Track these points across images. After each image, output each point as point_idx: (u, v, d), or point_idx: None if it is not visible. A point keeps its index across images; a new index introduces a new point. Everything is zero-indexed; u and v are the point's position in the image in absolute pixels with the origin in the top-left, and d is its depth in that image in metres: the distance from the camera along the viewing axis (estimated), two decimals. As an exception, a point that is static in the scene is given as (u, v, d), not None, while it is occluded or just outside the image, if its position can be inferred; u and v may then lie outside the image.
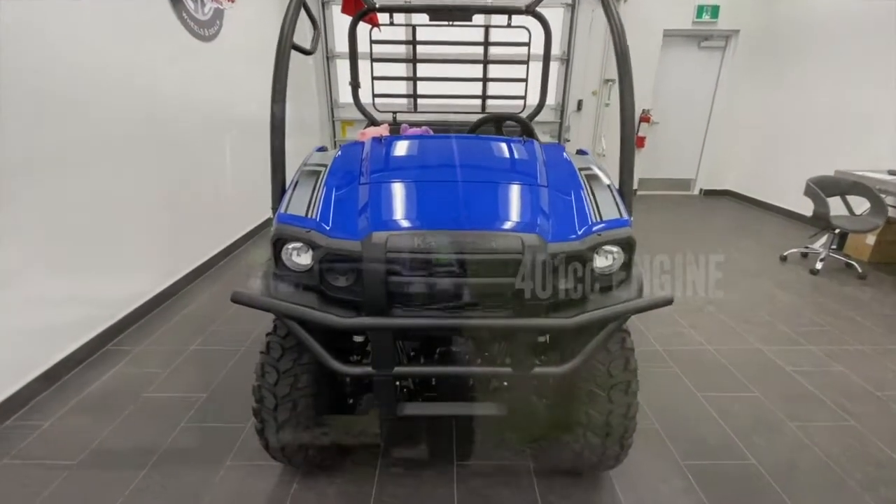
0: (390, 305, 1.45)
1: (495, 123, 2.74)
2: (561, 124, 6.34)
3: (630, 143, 1.69)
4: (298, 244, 1.49)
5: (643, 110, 6.63)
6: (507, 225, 1.46)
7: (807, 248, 4.59)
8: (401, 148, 1.96)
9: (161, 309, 3.36)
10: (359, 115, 3.65)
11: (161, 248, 3.42)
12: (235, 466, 1.98)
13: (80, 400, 2.41)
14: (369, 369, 1.47)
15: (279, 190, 1.66)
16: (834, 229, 4.15)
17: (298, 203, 1.57)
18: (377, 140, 2.00)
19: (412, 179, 1.66)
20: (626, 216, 1.57)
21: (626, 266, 1.55)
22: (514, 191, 1.61)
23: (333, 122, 6.33)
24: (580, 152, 2.06)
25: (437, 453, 2.07)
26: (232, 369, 2.66)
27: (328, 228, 1.47)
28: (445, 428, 2.22)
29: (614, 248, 1.52)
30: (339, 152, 1.90)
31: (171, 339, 2.98)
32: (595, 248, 1.47)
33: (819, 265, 4.20)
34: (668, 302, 1.47)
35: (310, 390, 1.65)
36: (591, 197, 1.63)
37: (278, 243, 1.49)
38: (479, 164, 1.81)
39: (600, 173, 1.80)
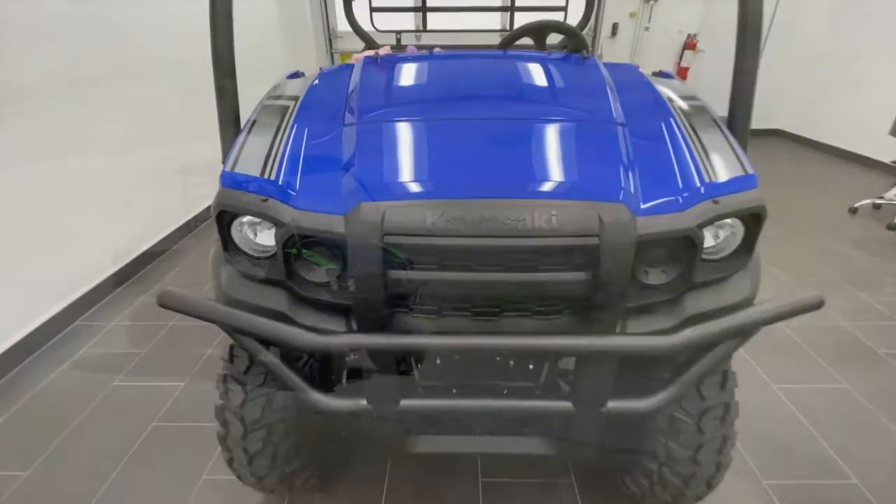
0: (392, 311, 0.98)
1: (535, 36, 2.07)
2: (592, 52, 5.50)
3: (750, 57, 1.11)
4: (243, 220, 0.99)
5: (688, 35, 5.72)
6: (574, 189, 0.93)
7: (881, 198, 3.95)
8: (405, 72, 1.39)
9: (141, 275, 2.96)
10: (361, 45, 3.00)
11: (146, 200, 2.95)
12: (213, 482, 1.63)
13: (36, 394, 2.05)
14: (364, 403, 1.02)
15: (230, 144, 1.14)
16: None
17: (252, 156, 1.06)
18: (371, 60, 1.42)
19: (422, 118, 1.12)
20: (750, 170, 1.03)
21: (745, 247, 1.03)
22: (579, 133, 1.06)
23: (332, 53, 5.57)
24: (661, 75, 1.46)
25: (457, 466, 1.68)
26: (220, 348, 2.26)
27: (295, 195, 0.96)
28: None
29: (735, 221, 1.00)
30: (318, 80, 1.34)
31: (149, 314, 2.58)
32: (709, 223, 0.95)
33: (899, 219, 3.59)
34: (819, 305, 0.96)
35: (289, 413, 1.22)
36: (696, 141, 1.08)
37: (223, 217, 1.00)
38: (522, 94, 1.24)
39: (703, 105, 1.22)
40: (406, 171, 0.99)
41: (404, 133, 1.08)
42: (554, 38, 2.11)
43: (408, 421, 1.16)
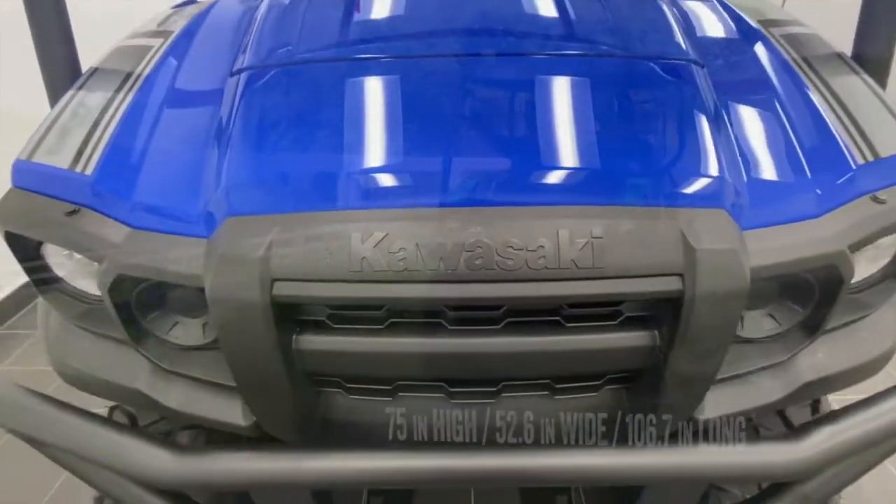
0: (313, 392, 0.58)
1: None
2: None
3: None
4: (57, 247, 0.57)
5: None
6: (630, 184, 0.51)
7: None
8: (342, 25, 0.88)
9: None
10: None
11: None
12: None
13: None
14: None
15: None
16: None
17: (67, 133, 0.62)
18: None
19: (358, 57, 0.67)
20: None
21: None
22: (630, 81, 0.62)
23: None
24: None
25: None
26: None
27: (126, 201, 0.54)
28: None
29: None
30: (213, 8, 0.86)
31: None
32: (870, 241, 0.54)
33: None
34: None
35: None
36: (826, 95, 0.64)
37: (12, 240, 0.58)
38: (528, 22, 0.77)
39: (821, 37, 0.77)
40: (319, 152, 0.55)
41: (322, 84, 0.62)
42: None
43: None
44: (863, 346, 0.64)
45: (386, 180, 0.52)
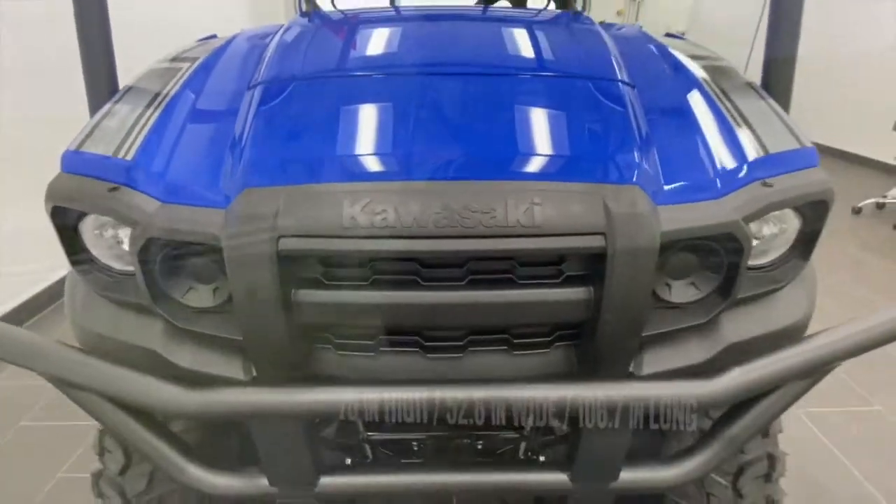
0: (306, 348, 0.67)
1: None
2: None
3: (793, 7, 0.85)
4: (101, 217, 0.68)
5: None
6: (567, 165, 0.64)
7: (885, 196, 3.75)
8: (347, 28, 1.08)
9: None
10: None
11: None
12: None
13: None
14: (264, 483, 0.71)
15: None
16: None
17: (109, 130, 0.74)
18: (304, 15, 1.12)
19: (352, 74, 0.83)
20: (806, 142, 0.75)
21: (801, 249, 0.75)
22: (572, 93, 0.77)
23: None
24: (672, 38, 1.18)
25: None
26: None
27: (159, 181, 0.66)
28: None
29: (788, 213, 0.71)
30: (232, 42, 1.02)
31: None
32: (759, 215, 0.66)
33: (906, 219, 3.38)
34: None
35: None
36: (730, 107, 0.80)
37: (63, 215, 0.69)
38: (496, 49, 0.94)
39: (731, 66, 0.95)
40: (318, 141, 0.69)
41: (323, 92, 0.78)
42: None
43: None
44: (778, 315, 0.76)
45: (372, 161, 0.65)
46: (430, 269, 0.62)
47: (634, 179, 0.62)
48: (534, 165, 0.64)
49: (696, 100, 0.81)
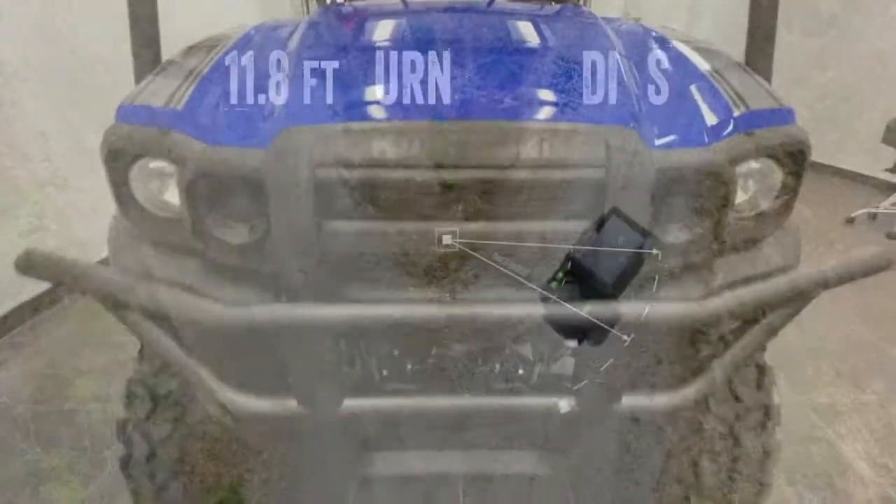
0: (333, 282, 0.74)
1: None
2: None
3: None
4: (152, 160, 0.76)
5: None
6: (571, 110, 0.72)
7: (877, 207, 3.85)
8: (365, 17, 1.18)
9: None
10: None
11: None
12: None
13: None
14: (294, 405, 0.76)
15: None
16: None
17: (158, 87, 0.83)
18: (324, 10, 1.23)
19: (379, 41, 0.92)
20: (785, 104, 0.83)
21: (784, 199, 0.82)
22: (575, 56, 0.86)
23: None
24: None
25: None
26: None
27: (205, 126, 0.74)
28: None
29: (770, 166, 0.79)
30: (257, 28, 1.12)
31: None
32: (742, 160, 0.74)
33: (897, 227, 3.47)
34: (888, 265, 0.75)
35: (210, 428, 0.94)
36: (717, 76, 0.88)
37: (116, 161, 0.76)
38: (513, 31, 1.04)
39: (718, 48, 1.04)
40: (350, 88, 0.77)
41: (351, 52, 0.87)
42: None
43: (362, 431, 0.88)
44: (764, 261, 0.83)
45: (395, 106, 0.73)
46: (447, 197, 0.69)
47: (632, 124, 0.70)
48: (544, 110, 0.72)
49: (688, 70, 0.90)
